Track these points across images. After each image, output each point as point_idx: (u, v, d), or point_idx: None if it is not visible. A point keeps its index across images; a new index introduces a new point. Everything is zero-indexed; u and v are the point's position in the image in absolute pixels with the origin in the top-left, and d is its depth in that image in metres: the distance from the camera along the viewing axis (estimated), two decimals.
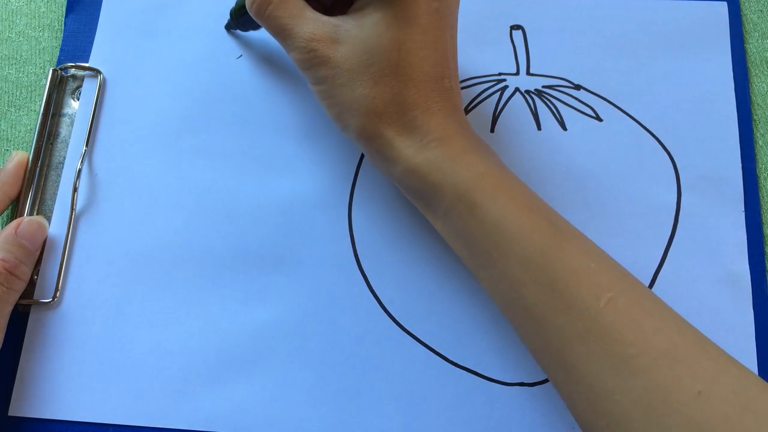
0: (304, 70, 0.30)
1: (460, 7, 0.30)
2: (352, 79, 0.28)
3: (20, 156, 0.34)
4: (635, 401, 0.23)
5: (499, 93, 0.36)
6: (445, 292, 0.32)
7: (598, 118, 0.35)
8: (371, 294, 0.32)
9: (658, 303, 0.25)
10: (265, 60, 0.37)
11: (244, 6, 0.32)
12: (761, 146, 0.35)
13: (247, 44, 0.37)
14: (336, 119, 0.30)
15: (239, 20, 0.35)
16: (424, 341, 0.32)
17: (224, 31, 0.37)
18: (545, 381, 0.31)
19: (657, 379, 0.23)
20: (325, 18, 0.29)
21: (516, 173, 0.30)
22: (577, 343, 0.24)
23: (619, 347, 0.23)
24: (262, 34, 0.36)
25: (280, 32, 0.30)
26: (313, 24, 0.29)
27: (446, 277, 0.33)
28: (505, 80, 0.36)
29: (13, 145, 0.36)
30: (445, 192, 0.27)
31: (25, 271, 0.31)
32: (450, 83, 0.29)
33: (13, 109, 0.37)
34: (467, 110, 0.36)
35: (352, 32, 0.28)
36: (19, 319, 0.32)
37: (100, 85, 0.36)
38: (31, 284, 0.32)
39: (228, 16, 0.36)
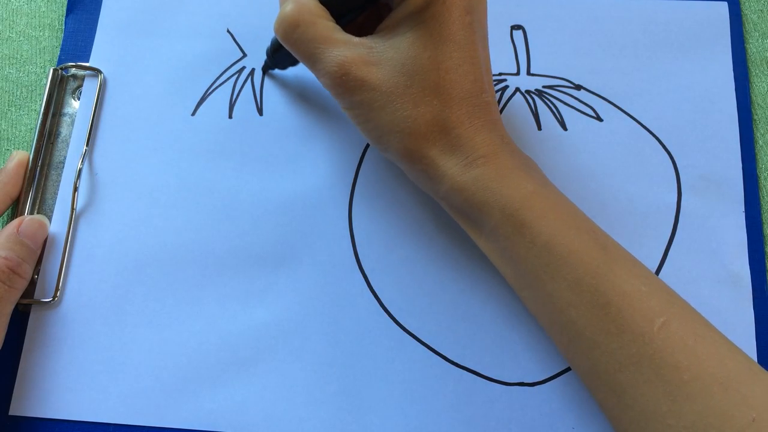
0: (338, 95, 0.29)
1: None
2: (391, 101, 0.28)
3: (21, 156, 0.34)
4: (689, 427, 0.23)
5: (499, 93, 0.36)
6: (445, 292, 0.32)
7: (599, 118, 0.35)
8: (371, 294, 0.32)
9: (708, 327, 0.25)
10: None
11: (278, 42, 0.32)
12: (761, 146, 0.35)
13: (249, 47, 0.37)
14: (375, 142, 0.30)
15: (276, 56, 0.34)
16: (424, 341, 0.32)
17: (224, 31, 0.37)
18: (545, 381, 0.31)
19: (711, 405, 0.23)
20: (356, 39, 0.28)
21: None
22: (630, 366, 0.24)
23: (674, 372, 0.23)
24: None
25: (309, 57, 0.29)
26: (344, 47, 0.28)
27: (446, 277, 0.33)
28: (505, 80, 0.36)
29: (14, 144, 0.36)
30: (493, 211, 0.27)
31: (27, 270, 0.32)
32: (488, 97, 0.28)
33: (13, 109, 0.37)
34: None
35: (388, 53, 0.28)
36: (20, 318, 0.32)
37: (100, 85, 0.36)
38: (32, 284, 0.33)
39: (265, 57, 0.35)
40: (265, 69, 0.37)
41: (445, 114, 0.27)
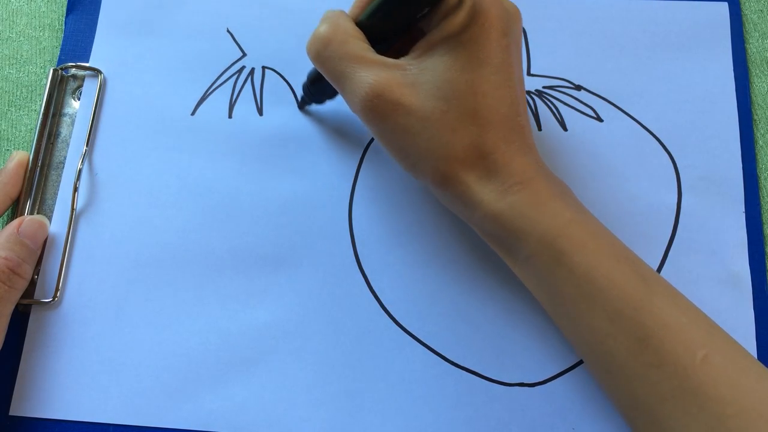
0: (368, 120, 0.28)
1: None
2: (427, 127, 0.27)
3: (21, 156, 0.34)
4: None
5: None
6: (445, 292, 0.32)
7: (599, 119, 0.35)
8: (371, 294, 0.32)
9: (749, 359, 0.25)
10: (267, 60, 0.37)
11: (317, 72, 0.31)
12: (761, 146, 0.35)
13: (249, 47, 0.37)
14: (409, 168, 0.29)
15: (313, 88, 0.33)
16: (424, 341, 0.32)
17: (224, 31, 0.37)
18: (545, 381, 0.31)
19: None
20: (390, 61, 0.27)
21: None
22: (671, 400, 0.24)
23: (717, 406, 0.23)
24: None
25: (339, 76, 0.28)
26: (377, 67, 0.27)
27: (446, 278, 0.33)
28: None
29: (14, 145, 0.36)
30: (530, 239, 0.27)
31: (27, 270, 0.32)
32: (523, 120, 0.28)
33: (13, 109, 0.37)
34: None
35: (423, 76, 0.27)
36: (20, 318, 0.32)
37: (100, 85, 0.36)
38: (32, 284, 0.33)
39: (302, 92, 0.34)
40: (302, 105, 0.36)
41: (482, 139, 0.27)
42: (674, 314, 0.25)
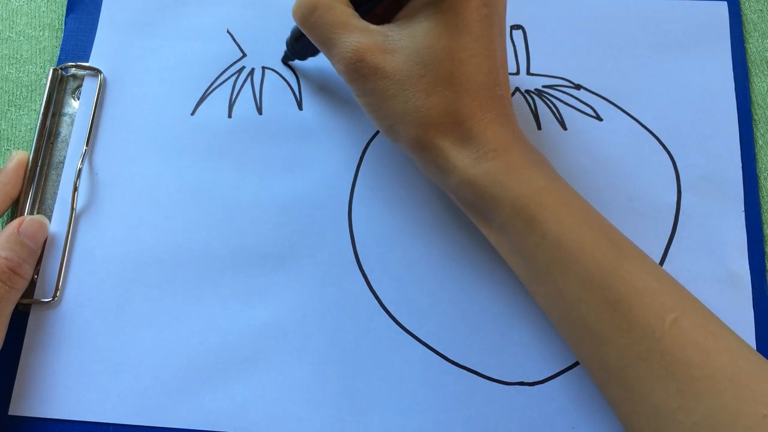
0: (350, 81, 0.29)
1: None
2: (403, 90, 0.27)
3: (20, 156, 0.34)
4: (699, 423, 0.23)
5: None
6: (445, 292, 0.32)
7: (599, 118, 0.35)
8: (371, 294, 0.32)
9: (718, 323, 0.25)
10: (267, 60, 0.37)
11: (300, 30, 0.32)
12: (761, 146, 0.35)
13: (249, 47, 0.37)
14: (387, 131, 0.30)
15: (296, 45, 0.34)
16: (424, 341, 0.32)
17: (224, 31, 0.37)
18: (545, 381, 0.31)
19: (722, 401, 0.23)
20: (372, 27, 0.28)
21: None
22: (640, 363, 0.24)
23: (684, 369, 0.23)
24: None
25: (325, 41, 0.29)
26: (360, 33, 0.28)
27: (446, 277, 0.33)
28: None
29: (14, 144, 0.36)
30: (504, 206, 0.27)
31: (28, 270, 0.32)
32: (502, 91, 0.28)
33: (13, 109, 0.37)
34: None
35: (402, 42, 0.28)
36: (20, 318, 0.32)
37: (100, 85, 0.36)
38: (32, 284, 0.33)
39: (285, 48, 0.36)
40: (285, 60, 0.37)
41: (457, 105, 0.27)
42: (645, 279, 0.25)
